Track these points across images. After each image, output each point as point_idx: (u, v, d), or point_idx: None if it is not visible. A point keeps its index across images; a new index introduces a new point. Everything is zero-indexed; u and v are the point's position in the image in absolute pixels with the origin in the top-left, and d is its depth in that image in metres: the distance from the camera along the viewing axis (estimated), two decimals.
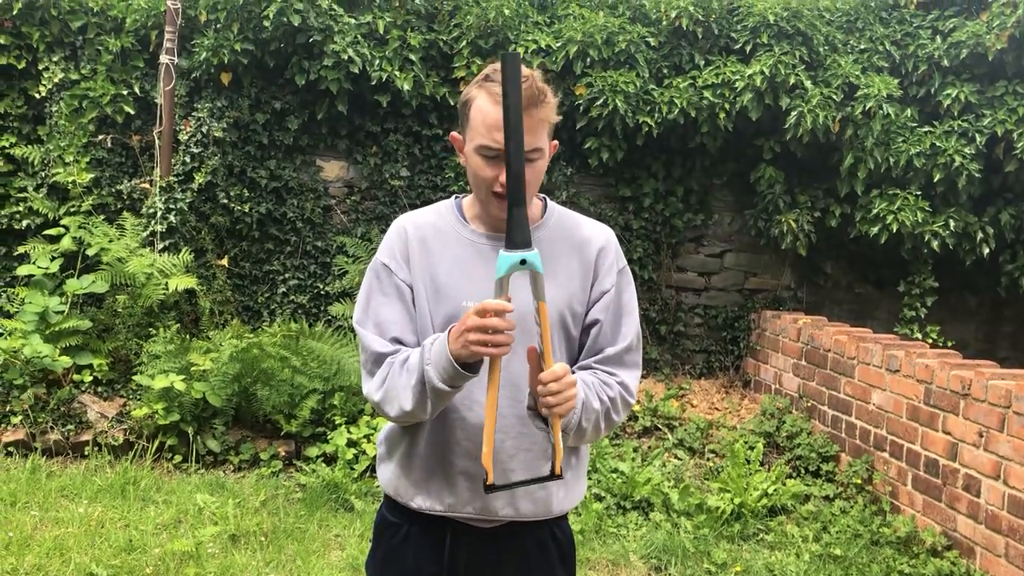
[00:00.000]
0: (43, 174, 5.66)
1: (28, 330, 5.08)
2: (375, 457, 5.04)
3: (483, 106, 1.79)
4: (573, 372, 1.93)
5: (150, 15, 5.69)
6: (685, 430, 5.51)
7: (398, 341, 1.86)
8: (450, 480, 1.87)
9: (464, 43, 5.81)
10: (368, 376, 1.88)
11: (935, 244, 5.82)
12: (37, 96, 5.65)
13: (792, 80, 5.74)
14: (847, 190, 5.99)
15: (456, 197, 2.00)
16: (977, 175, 5.80)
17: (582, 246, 1.93)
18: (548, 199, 1.99)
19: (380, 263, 1.92)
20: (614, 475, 4.87)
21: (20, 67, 5.61)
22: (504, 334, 1.64)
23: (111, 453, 4.93)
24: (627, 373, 1.92)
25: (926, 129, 5.91)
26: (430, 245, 1.88)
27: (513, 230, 1.66)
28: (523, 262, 1.65)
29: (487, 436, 1.69)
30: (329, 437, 5.02)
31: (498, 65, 1.78)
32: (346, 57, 5.53)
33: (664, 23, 6.02)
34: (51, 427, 4.96)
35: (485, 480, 1.71)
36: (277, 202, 5.92)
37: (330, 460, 4.96)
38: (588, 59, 5.82)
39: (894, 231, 5.80)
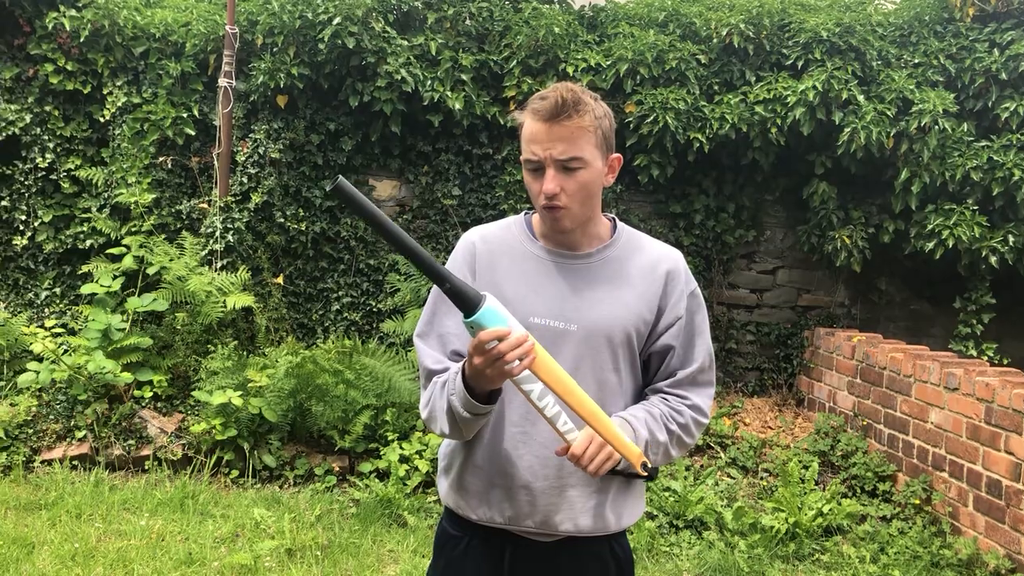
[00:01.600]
0: (106, 195, 5.83)
1: (91, 347, 5.21)
2: (428, 473, 5.09)
3: (524, 123, 1.85)
4: (646, 396, 1.96)
5: (209, 40, 5.84)
6: (738, 448, 5.46)
7: (458, 354, 1.90)
8: (510, 493, 1.89)
9: (514, 63, 5.86)
10: (422, 390, 1.94)
11: (993, 260, 5.71)
12: (101, 120, 5.83)
13: (845, 95, 5.70)
14: (901, 206, 5.91)
15: (526, 213, 2.03)
16: None
17: (650, 268, 1.94)
18: (617, 220, 2.02)
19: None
20: (666, 494, 4.85)
21: (86, 92, 5.79)
22: (514, 351, 1.65)
23: (170, 467, 5.04)
24: (699, 393, 1.95)
25: (983, 143, 5.82)
26: (498, 260, 1.91)
27: (459, 302, 1.68)
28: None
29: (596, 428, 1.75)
30: (382, 453, 5.07)
31: (542, 91, 1.83)
32: (399, 78, 5.62)
33: (715, 40, 6.02)
34: (113, 441, 5.09)
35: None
36: (331, 221, 6.02)
37: (383, 476, 5.02)
38: (638, 77, 5.84)
39: (950, 247, 5.70)
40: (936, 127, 5.68)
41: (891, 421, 5.22)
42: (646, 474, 1.80)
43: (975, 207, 5.76)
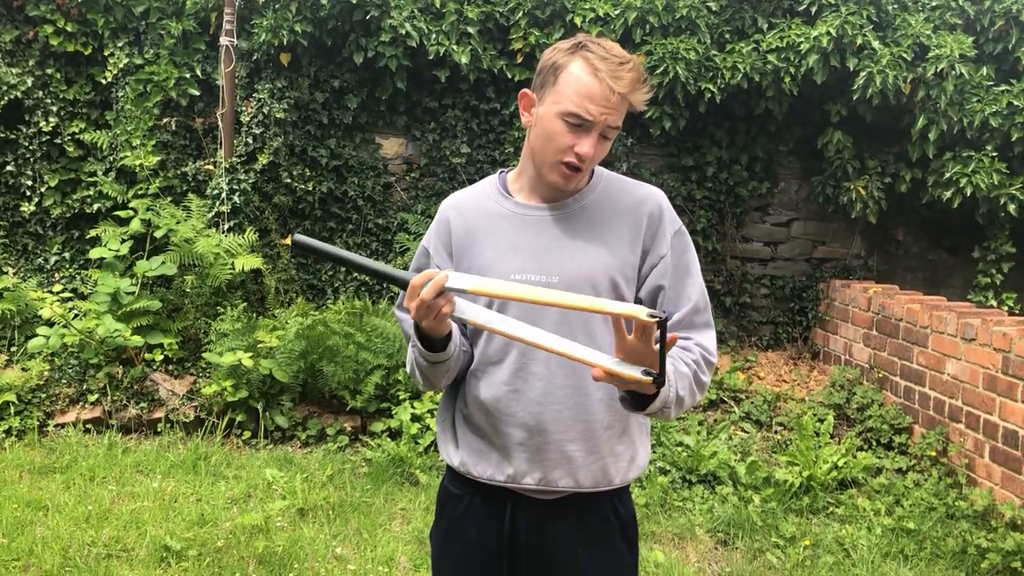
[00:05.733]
0: (111, 158, 5.78)
1: (101, 311, 5.21)
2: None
3: (578, 74, 1.78)
4: None
5: None
6: (752, 403, 5.42)
7: None
8: (507, 451, 1.87)
9: (521, 14, 5.74)
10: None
11: (1012, 208, 5.58)
12: (103, 82, 5.76)
13: (859, 41, 5.55)
14: (918, 154, 5.79)
15: (500, 172, 2.00)
16: None
17: (631, 209, 1.90)
18: (597, 166, 1.96)
19: (423, 247, 1.99)
20: (679, 448, 4.82)
21: (87, 53, 5.72)
22: (436, 301, 1.65)
23: (183, 429, 5.05)
24: (700, 334, 1.87)
25: (1003, 88, 5.65)
26: (474, 225, 1.90)
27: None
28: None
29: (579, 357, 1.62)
30: (394, 412, 5.07)
31: (598, 42, 1.80)
32: (403, 32, 5.52)
33: None
34: (126, 405, 5.10)
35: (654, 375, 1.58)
36: (338, 180, 5.96)
37: (395, 435, 5.01)
38: (648, 26, 5.71)
39: (968, 195, 5.59)
40: (953, 72, 5.54)
41: (907, 373, 5.16)
42: (650, 379, 1.58)
43: (994, 154, 5.62)
